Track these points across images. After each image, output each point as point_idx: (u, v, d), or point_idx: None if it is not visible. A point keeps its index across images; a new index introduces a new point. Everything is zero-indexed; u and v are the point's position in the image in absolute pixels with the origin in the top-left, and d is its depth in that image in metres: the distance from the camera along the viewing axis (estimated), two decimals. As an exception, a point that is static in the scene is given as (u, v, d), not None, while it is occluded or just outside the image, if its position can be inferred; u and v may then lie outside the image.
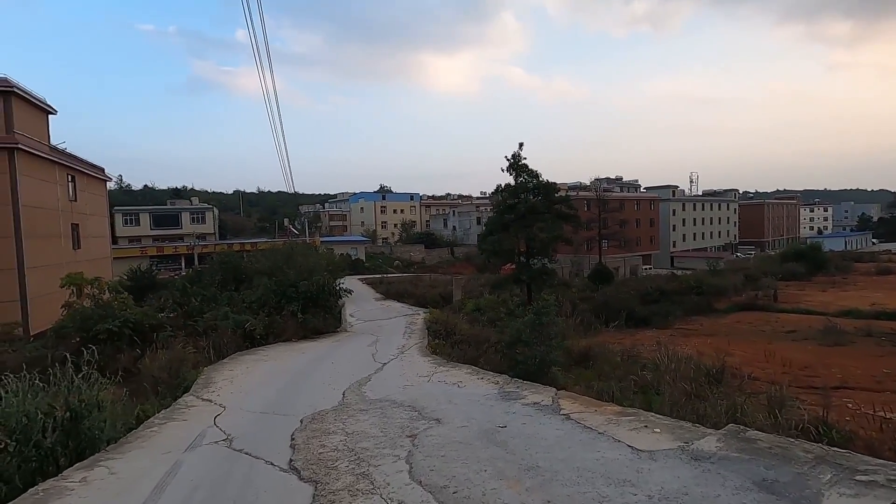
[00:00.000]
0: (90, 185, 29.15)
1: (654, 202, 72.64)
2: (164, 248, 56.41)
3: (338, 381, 9.23)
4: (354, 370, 10.49)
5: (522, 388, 7.45)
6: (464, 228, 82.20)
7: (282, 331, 16.18)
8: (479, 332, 19.94)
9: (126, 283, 31.43)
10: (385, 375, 9.77)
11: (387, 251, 70.70)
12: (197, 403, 7.78)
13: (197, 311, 16.52)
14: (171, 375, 10.90)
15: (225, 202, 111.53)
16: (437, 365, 10.52)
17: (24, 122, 21.57)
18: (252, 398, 8.11)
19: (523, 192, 26.59)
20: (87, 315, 13.65)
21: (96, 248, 29.51)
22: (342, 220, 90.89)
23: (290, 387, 8.98)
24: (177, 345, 12.55)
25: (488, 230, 27.54)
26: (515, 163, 26.30)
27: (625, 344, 23.36)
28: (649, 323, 28.37)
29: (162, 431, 6.05)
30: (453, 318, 20.64)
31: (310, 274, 18.54)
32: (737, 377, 13.75)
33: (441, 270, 58.57)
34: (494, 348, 17.84)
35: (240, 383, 9.35)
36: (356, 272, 54.29)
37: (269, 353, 13.18)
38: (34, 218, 21.69)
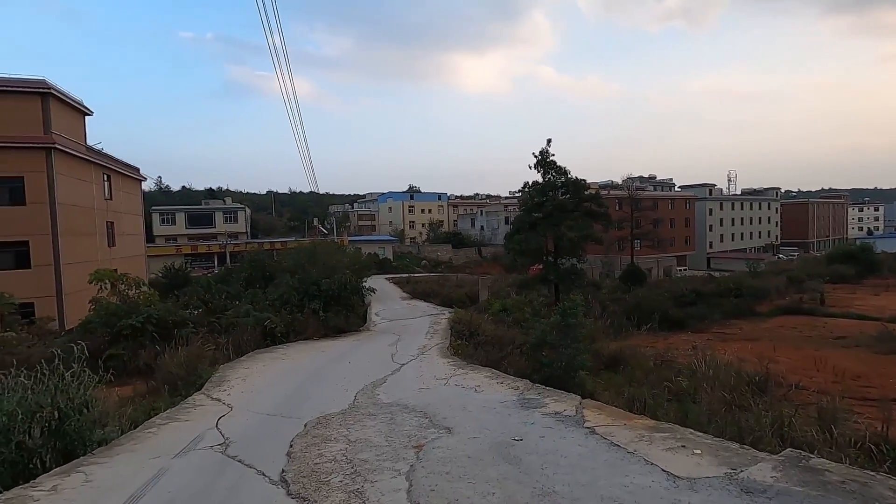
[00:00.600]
0: (125, 184, 29.95)
1: (690, 201, 70.11)
2: (198, 246, 57.84)
3: (352, 382, 8.86)
4: (371, 371, 10.12)
5: (544, 395, 6.87)
6: (492, 228, 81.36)
7: (303, 329, 16.01)
8: (503, 333, 19.34)
9: (160, 280, 32.32)
10: (401, 377, 9.35)
11: (414, 251, 70.61)
12: (205, 402, 7.53)
13: (220, 308, 16.55)
14: (189, 372, 10.81)
15: (258, 202, 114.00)
16: (456, 367, 10.03)
17: (61, 122, 22.23)
18: (261, 398, 7.82)
19: (551, 189, 25.81)
20: (112, 311, 13.78)
21: (131, 245, 30.30)
22: (371, 219, 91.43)
23: (303, 387, 8.66)
24: (196, 342, 12.48)
25: (515, 229, 26.86)
26: (543, 159, 25.54)
27: (658, 348, 22.32)
28: (684, 326, 27.11)
29: (160, 433, 5.79)
30: (477, 319, 20.09)
31: (332, 272, 18.35)
32: (782, 386, 12.74)
33: (468, 270, 58.03)
34: (519, 350, 17.25)
35: (252, 382, 9.10)
36: (383, 271, 54.32)
37: (287, 352, 12.97)
38: (70, 216, 22.31)
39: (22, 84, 20.60)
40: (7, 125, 20.23)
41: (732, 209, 78.88)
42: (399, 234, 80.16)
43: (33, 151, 20.62)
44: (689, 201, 69.98)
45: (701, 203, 72.79)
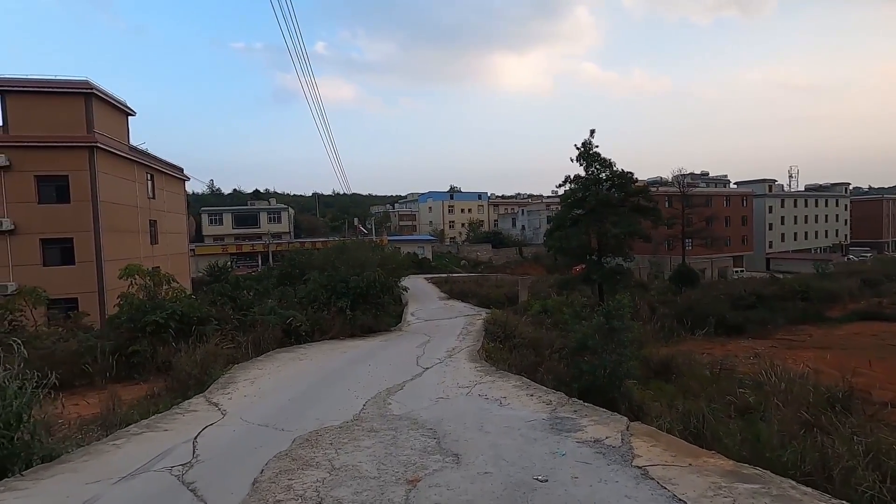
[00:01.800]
0: (169, 183, 30.60)
1: (747, 198, 65.62)
2: (243, 246, 59.33)
3: (366, 388, 7.99)
4: (391, 375, 9.23)
5: (581, 414, 5.67)
6: (533, 228, 79.38)
7: (329, 328, 15.37)
8: (541, 335, 18.05)
9: (205, 278, 32.94)
10: (421, 383, 8.39)
11: (454, 250, 69.79)
12: (200, 407, 6.84)
13: (247, 305, 16.16)
14: (203, 372, 10.30)
15: (302, 204, 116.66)
16: (483, 373, 8.96)
17: (104, 122, 22.73)
18: (262, 404, 7.05)
19: (595, 183, 24.21)
20: (136, 306, 13.56)
21: (174, 243, 30.92)
22: (411, 219, 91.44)
23: (311, 392, 7.85)
24: (213, 339, 11.99)
25: (555, 225, 25.42)
26: (586, 151, 23.99)
27: (714, 355, 20.36)
28: (743, 331, 24.85)
29: (124, 447, 5.07)
30: (513, 320, 18.89)
31: (361, 269, 17.65)
32: (870, 404, 10.90)
33: (508, 271, 56.74)
34: (558, 354, 15.93)
35: (261, 384, 8.39)
36: (422, 271, 53.79)
37: (308, 352, 12.30)
38: (112, 213, 22.76)
39: (66, 85, 21.18)
40: (52, 125, 20.82)
41: (795, 206, 73.38)
42: (438, 234, 79.56)
43: (77, 150, 21.14)
44: (746, 198, 65.54)
45: (760, 200, 68.06)
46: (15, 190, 20.73)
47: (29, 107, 20.87)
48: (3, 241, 20.71)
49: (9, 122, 20.73)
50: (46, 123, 20.90)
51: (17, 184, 20.75)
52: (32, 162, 20.84)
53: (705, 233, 42.59)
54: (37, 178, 21.01)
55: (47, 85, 21.01)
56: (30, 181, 20.90)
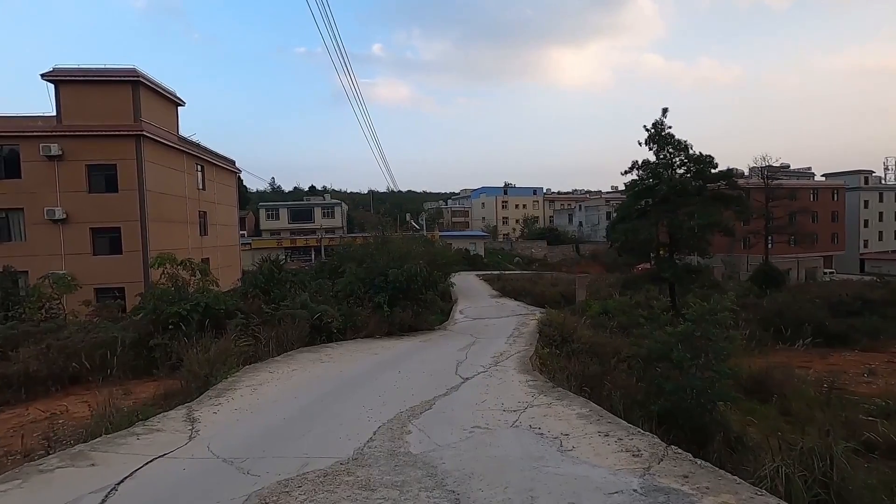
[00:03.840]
0: (220, 175, 30.59)
1: (839, 191, 58.58)
2: (297, 240, 60.05)
3: (386, 405, 6.32)
4: (421, 387, 7.51)
5: (695, 484, 3.51)
6: (591, 224, 75.41)
7: (363, 325, 13.89)
8: (605, 340, 15.74)
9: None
10: (456, 401, 6.59)
11: (507, 247, 67.48)
12: (169, 426, 5.41)
13: (280, 298, 15.01)
14: (212, 372, 9.06)
15: (358, 200, 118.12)
16: (535, 391, 7.02)
17: (152, 111, 22.60)
18: (247, 424, 5.53)
19: (667, 168, 21.35)
20: (159, 297, 12.67)
21: (224, 235, 30.92)
22: (464, 216, 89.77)
23: (316, 407, 6.26)
24: (233, 335, 10.78)
25: (620, 216, 22.76)
26: (657, 133, 21.19)
27: (815, 369, 17.15)
28: (847, 342, 21.13)
29: (5, 497, 3.60)
30: (571, 322, 16.68)
31: (402, 261, 16.07)
32: None
33: (564, 269, 54.02)
34: (626, 365, 13.60)
35: (262, 393, 6.92)
36: (474, 268, 52.06)
37: (334, 352, 10.82)
38: (159, 203, 22.61)
39: (113, 73, 21.16)
40: (101, 114, 20.84)
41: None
42: (491, 230, 77.38)
43: (124, 139, 21.07)
44: (837, 191, 58.52)
45: (853, 193, 60.68)
46: (67, 179, 20.91)
47: (80, 96, 20.98)
48: (56, 230, 20.95)
49: (62, 112, 20.91)
50: (96, 112, 20.92)
51: (69, 173, 20.92)
52: (83, 151, 20.93)
53: (792, 229, 37.79)
54: (87, 167, 21.11)
55: (96, 74, 21.04)
56: (81, 170, 21.02)
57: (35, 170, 20.70)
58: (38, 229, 20.85)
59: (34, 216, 20.74)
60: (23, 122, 20.77)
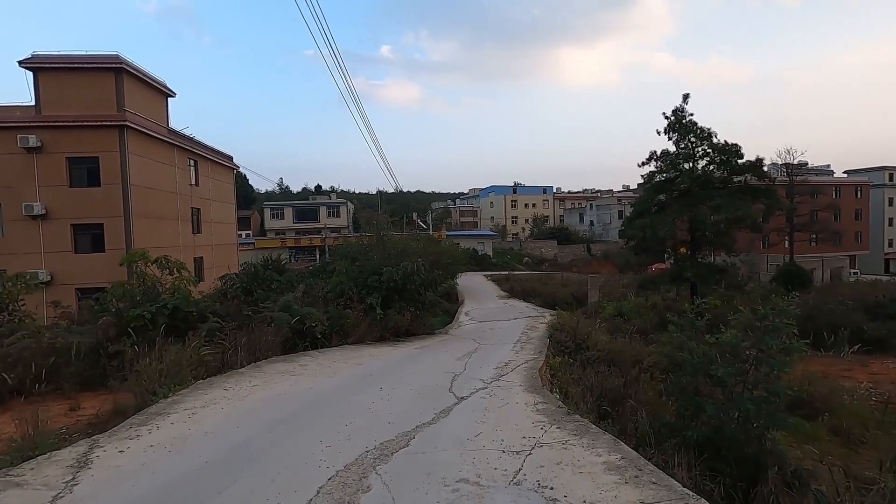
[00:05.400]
0: (215, 171, 29.36)
1: (863, 188, 56.15)
2: (301, 240, 58.99)
3: (351, 439, 4.85)
4: (403, 410, 6.04)
5: None
6: (603, 223, 73.49)
7: (351, 330, 12.42)
8: (623, 347, 14.16)
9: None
10: (441, 436, 5.08)
11: (516, 247, 65.89)
12: (42, 474, 3.98)
13: (263, 300, 13.62)
14: (159, 387, 7.68)
15: (366, 201, 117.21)
16: (545, 420, 5.49)
17: (138, 101, 21.38)
18: (148, 475, 4.07)
19: (688, 159, 19.66)
20: (121, 297, 11.29)
21: (220, 233, 29.68)
22: (472, 215, 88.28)
23: (255, 445, 4.79)
24: (193, 341, 9.36)
25: (636, 211, 21.08)
26: (678, 121, 19.52)
27: (857, 379, 15.39)
28: (886, 347, 19.29)
29: None
30: (586, 325, 15.12)
31: (399, 259, 14.60)
32: None
33: (575, 269, 52.44)
34: (650, 375, 12.00)
35: (196, 422, 5.46)
36: (481, 268, 50.57)
37: (311, 362, 9.36)
38: (146, 198, 21.38)
39: (95, 60, 19.93)
40: (82, 104, 19.64)
41: (923, 199, 62.26)
42: (500, 230, 75.77)
43: (106, 130, 19.83)
44: (860, 188, 56.09)
45: (878, 190, 58.18)
46: (47, 173, 19.71)
47: (60, 85, 19.79)
48: (35, 226, 19.76)
49: (41, 102, 19.74)
50: (77, 102, 19.72)
51: (48, 166, 19.72)
52: (63, 143, 19.73)
53: (818, 226, 35.71)
54: (68, 159, 19.90)
55: (77, 61, 19.82)
56: (61, 163, 19.81)
57: (12, 162, 19.52)
58: (17, 225, 19.68)
59: (12, 212, 19.57)
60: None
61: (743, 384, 6.73)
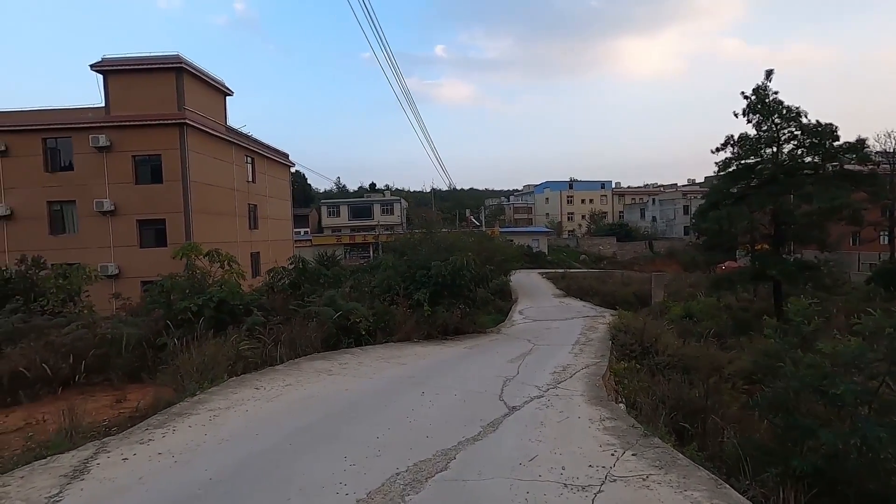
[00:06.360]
0: (271, 168, 29.94)
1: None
2: (356, 237, 59.94)
3: (380, 456, 4.11)
4: (444, 421, 5.25)
5: None
6: (666, 219, 69.42)
7: (398, 326, 11.79)
8: (698, 352, 12.64)
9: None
10: (487, 457, 4.22)
11: (572, 244, 63.60)
12: (29, 485, 3.50)
13: (308, 294, 13.30)
14: (202, 379, 7.42)
15: (420, 199, 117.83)
16: (616, 442, 4.50)
17: (198, 100, 21.96)
18: (140, 492, 3.48)
19: (771, 143, 17.55)
20: (170, 288, 11.25)
21: (276, 229, 30.25)
22: (527, 212, 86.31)
23: (269, 459, 4.15)
24: (233, 335, 9.05)
25: (710, 202, 19.12)
26: (760, 101, 17.44)
27: None
28: None
29: None
30: (653, 327, 13.69)
31: (447, 253, 13.84)
32: None
33: (636, 267, 49.82)
34: (731, 385, 10.54)
35: (215, 426, 4.93)
36: (536, 265, 49.11)
37: (352, 360, 8.77)
38: (205, 195, 21.93)
39: (157, 61, 20.63)
40: (146, 103, 20.39)
41: None
42: (555, 227, 73.49)
43: (168, 128, 20.50)
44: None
45: None
46: (115, 171, 20.63)
47: (126, 86, 20.62)
48: (105, 222, 20.73)
49: (110, 103, 20.65)
50: (142, 102, 20.48)
51: (117, 164, 20.63)
52: (130, 142, 20.57)
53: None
54: (134, 157, 20.73)
55: (141, 62, 20.58)
56: (128, 161, 20.67)
57: (86, 161, 20.59)
58: (89, 221, 20.74)
59: (85, 208, 20.64)
60: (74, 114, 20.74)
61: (869, 406, 5.38)
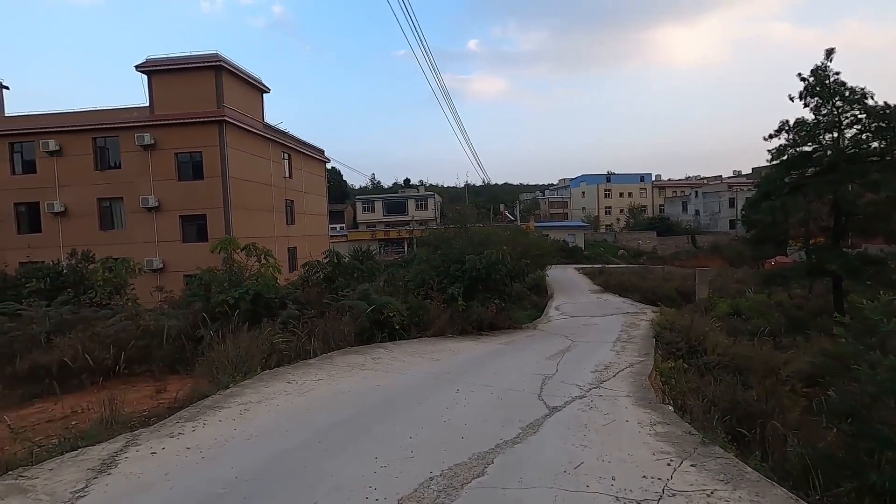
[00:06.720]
0: (308, 164, 30.31)
1: None
2: (390, 232, 60.33)
3: (413, 458, 3.87)
4: (481, 421, 4.96)
5: None
6: (710, 212, 66.57)
7: (432, 321, 11.57)
8: (750, 351, 11.84)
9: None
10: (528, 463, 3.91)
11: (610, 239, 61.92)
12: (55, 478, 3.42)
13: (341, 287, 13.26)
14: (236, 370, 7.44)
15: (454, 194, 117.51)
16: (671, 449, 4.09)
17: (236, 98, 22.36)
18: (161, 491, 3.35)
19: (831, 128, 16.31)
20: (208, 282, 11.41)
21: (312, 225, 30.65)
22: (562, 206, 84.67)
23: (296, 458, 3.98)
24: (267, 328, 9.04)
25: (762, 192, 17.98)
26: (819, 82, 16.22)
27: None
28: None
29: None
30: (701, 324, 12.94)
31: (482, 247, 13.51)
32: None
33: (678, 262, 48.01)
34: (790, 387, 9.79)
35: (244, 421, 4.82)
36: (572, 260, 48.04)
37: (385, 355, 8.59)
38: (244, 190, 22.35)
39: (197, 60, 21.09)
40: (187, 102, 20.92)
41: None
42: (592, 221, 71.73)
43: (208, 125, 20.97)
44: None
45: None
46: (159, 168, 21.28)
47: (169, 85, 21.19)
48: (150, 218, 21.43)
49: (154, 103, 21.29)
50: (183, 100, 21.02)
51: (160, 162, 21.27)
52: (172, 140, 21.15)
53: None
54: (176, 155, 21.31)
55: (182, 62, 21.09)
56: (170, 158, 21.28)
57: (132, 160, 21.33)
58: (135, 217, 21.50)
59: (131, 204, 21.40)
60: (121, 114, 21.51)
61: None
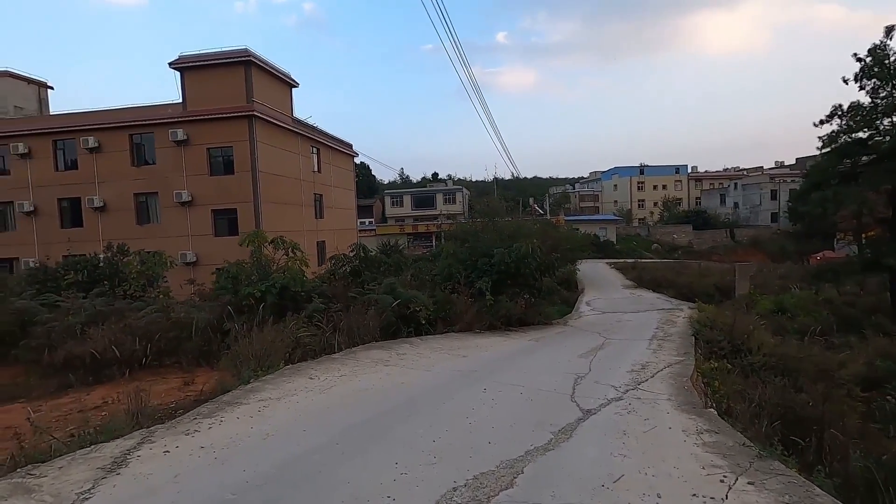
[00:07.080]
0: (336, 158, 30.42)
1: None
2: (418, 226, 60.36)
3: (437, 465, 3.61)
4: (509, 426, 4.65)
5: None
6: (750, 205, 63.85)
7: (459, 316, 11.27)
8: (800, 351, 11.08)
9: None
10: (561, 474, 3.57)
11: (643, 233, 60.24)
12: (64, 478, 3.28)
13: (368, 281, 13.11)
14: (259, 365, 7.35)
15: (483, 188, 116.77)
16: (726, 464, 3.66)
17: (266, 93, 22.51)
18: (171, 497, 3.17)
19: (891, 113, 15.13)
20: (236, 275, 11.42)
21: (341, 218, 30.78)
22: (593, 200, 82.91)
23: (313, 461, 3.74)
24: (290, 322, 8.94)
25: (812, 182, 16.90)
26: (877, 63, 15.05)
27: None
28: None
29: None
30: (744, 322, 12.20)
31: (510, 240, 13.11)
32: None
33: (716, 257, 46.24)
34: (846, 392, 9.08)
35: (263, 419, 4.64)
36: (604, 255, 46.85)
37: (410, 351, 8.36)
38: (273, 185, 22.54)
39: (227, 56, 21.30)
40: (218, 97, 21.18)
41: None
42: (625, 214, 69.95)
43: (238, 120, 21.19)
44: None
45: None
46: (191, 163, 21.65)
47: (201, 81, 21.49)
48: (183, 212, 21.86)
49: (186, 99, 21.64)
50: (214, 96, 21.28)
51: (193, 157, 21.64)
52: (204, 135, 21.48)
53: None
54: (208, 150, 21.63)
55: (213, 57, 21.33)
56: (203, 154, 21.62)
57: (166, 155, 21.79)
58: (169, 212, 21.97)
59: (166, 199, 21.88)
60: (156, 111, 21.95)
61: None
